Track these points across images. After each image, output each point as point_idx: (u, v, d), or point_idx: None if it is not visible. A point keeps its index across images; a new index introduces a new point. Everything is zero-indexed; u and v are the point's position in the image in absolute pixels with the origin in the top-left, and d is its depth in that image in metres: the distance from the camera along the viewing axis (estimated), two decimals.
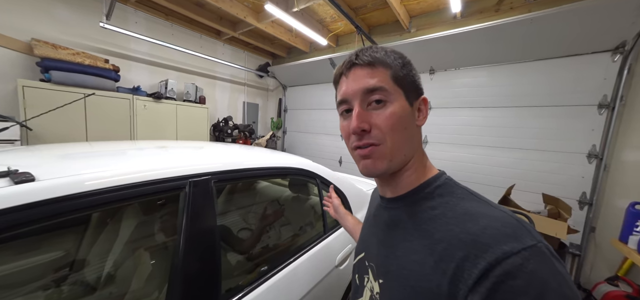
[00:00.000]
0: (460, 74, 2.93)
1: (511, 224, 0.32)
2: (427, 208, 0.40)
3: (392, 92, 0.40)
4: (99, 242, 1.10)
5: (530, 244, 0.29)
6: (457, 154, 2.95)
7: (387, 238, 0.45)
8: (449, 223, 0.36)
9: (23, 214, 0.54)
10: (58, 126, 2.44)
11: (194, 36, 3.97)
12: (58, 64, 2.37)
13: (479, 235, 0.32)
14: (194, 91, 3.75)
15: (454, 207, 0.37)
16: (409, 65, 0.43)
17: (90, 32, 2.86)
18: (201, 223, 0.82)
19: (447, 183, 0.42)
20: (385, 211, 0.48)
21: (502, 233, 0.31)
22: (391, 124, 0.39)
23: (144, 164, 0.83)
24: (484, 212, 0.35)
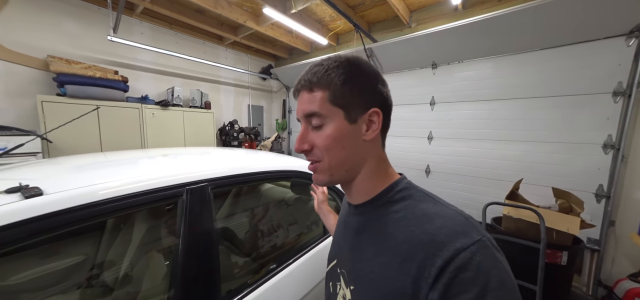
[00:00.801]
0: (464, 67, 2.86)
1: (461, 222, 0.35)
2: (391, 212, 0.42)
3: (328, 115, 0.41)
4: (113, 247, 1.17)
5: (476, 238, 0.33)
6: (462, 148, 2.89)
7: (357, 243, 0.46)
8: (410, 225, 0.38)
9: (33, 226, 0.60)
10: (75, 137, 2.58)
11: (197, 43, 4.07)
12: (72, 78, 2.51)
13: (435, 234, 0.34)
14: (200, 97, 3.85)
15: (414, 209, 0.40)
16: (356, 79, 0.42)
17: (99, 45, 3.00)
18: (199, 228, 0.86)
19: (407, 187, 0.45)
20: (353, 217, 0.49)
21: (454, 231, 0.34)
22: (326, 145, 0.42)
23: (144, 174, 0.87)
24: (439, 212, 0.38)
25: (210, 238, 0.88)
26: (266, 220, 1.65)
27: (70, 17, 2.83)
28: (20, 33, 2.54)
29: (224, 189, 1.03)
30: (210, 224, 0.89)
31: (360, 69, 0.43)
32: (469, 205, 2.82)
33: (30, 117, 2.58)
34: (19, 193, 0.64)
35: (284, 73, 4.85)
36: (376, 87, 0.44)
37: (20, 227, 0.58)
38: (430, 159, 3.14)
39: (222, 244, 1.36)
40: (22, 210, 0.59)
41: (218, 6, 3.06)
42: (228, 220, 1.56)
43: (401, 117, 3.35)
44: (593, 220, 2.14)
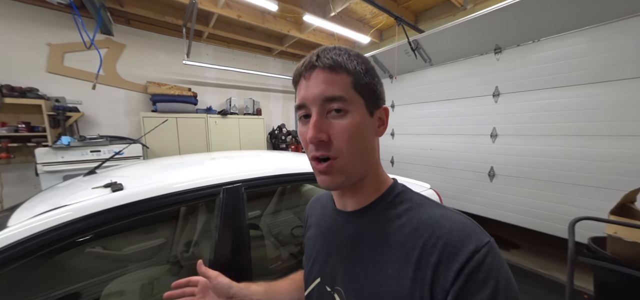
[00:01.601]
0: (541, 47, 2.31)
1: (469, 225, 0.35)
2: (393, 217, 0.39)
3: (353, 101, 0.37)
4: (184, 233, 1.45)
5: (486, 240, 0.33)
6: (539, 147, 2.32)
7: (354, 254, 0.41)
8: (417, 230, 0.36)
9: (116, 213, 0.80)
10: (163, 143, 3.29)
11: (249, 56, 4.57)
12: (160, 97, 3.20)
13: (448, 238, 0.33)
14: (252, 105, 4.31)
15: (418, 214, 0.38)
16: (372, 72, 0.40)
17: (177, 68, 3.73)
18: (232, 223, 0.97)
19: (404, 190, 0.43)
20: (348, 225, 0.44)
21: (465, 234, 0.33)
22: (349, 136, 0.37)
23: (191, 175, 1.05)
24: (444, 215, 0.36)
25: (242, 234, 0.98)
26: None
27: (161, 50, 3.62)
28: (132, 67, 3.40)
29: (257, 189, 1.13)
30: (242, 221, 1.00)
31: (373, 66, 0.42)
32: (551, 218, 2.25)
33: (138, 129, 3.42)
34: (110, 187, 0.86)
35: None
36: (382, 87, 0.43)
37: (108, 213, 0.78)
38: (495, 160, 2.64)
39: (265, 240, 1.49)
40: (110, 200, 0.80)
41: (265, 21, 3.36)
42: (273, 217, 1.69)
43: (454, 113, 2.94)
44: None
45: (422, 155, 3.26)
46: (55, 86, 2.88)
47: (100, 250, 1.38)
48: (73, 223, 0.72)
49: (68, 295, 1.08)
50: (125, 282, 1.19)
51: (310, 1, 2.97)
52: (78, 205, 0.74)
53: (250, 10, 3.19)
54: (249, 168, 1.20)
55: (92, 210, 0.75)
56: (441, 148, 3.05)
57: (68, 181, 1.27)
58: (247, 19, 3.17)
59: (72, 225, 0.71)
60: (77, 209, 0.74)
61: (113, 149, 2.79)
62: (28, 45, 2.73)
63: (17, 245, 0.63)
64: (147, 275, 1.22)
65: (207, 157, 1.54)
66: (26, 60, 2.73)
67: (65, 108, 2.75)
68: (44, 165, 2.40)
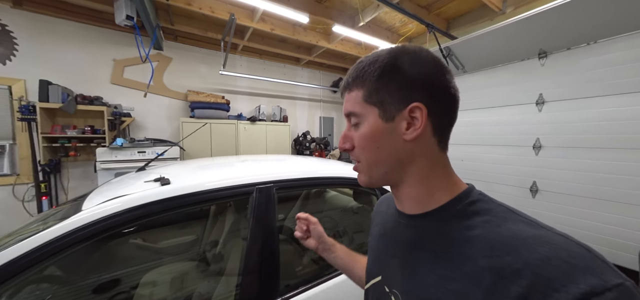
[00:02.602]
0: (597, 50, 2.06)
1: (582, 255, 0.26)
2: (462, 228, 0.35)
3: (363, 114, 0.40)
4: (214, 231, 1.54)
5: (615, 282, 0.23)
6: (592, 161, 2.04)
7: (412, 261, 0.40)
8: (493, 248, 0.30)
9: (165, 204, 0.88)
10: (198, 146, 3.57)
11: (279, 66, 4.80)
12: (198, 104, 3.50)
13: (541, 267, 0.26)
14: (279, 112, 4.48)
15: (497, 229, 0.32)
16: (394, 71, 0.38)
17: (214, 78, 4.05)
18: (264, 222, 1.01)
19: (481, 199, 0.37)
20: (408, 229, 0.42)
21: (572, 266, 0.25)
22: (361, 145, 0.41)
23: (228, 174, 1.12)
24: (540, 237, 0.29)
25: (272, 232, 1.01)
26: (331, 225, 1.72)
27: (201, 61, 3.98)
28: (176, 78, 3.79)
29: (287, 191, 1.17)
30: (273, 220, 1.03)
31: (402, 59, 0.38)
32: (610, 243, 1.94)
33: (178, 133, 3.76)
34: (159, 182, 0.96)
35: None
36: (422, 78, 0.37)
37: (158, 204, 0.87)
38: (538, 173, 2.38)
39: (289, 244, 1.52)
40: (160, 193, 0.89)
41: (296, 33, 3.52)
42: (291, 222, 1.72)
43: (491, 123, 2.73)
44: None
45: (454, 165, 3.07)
46: (114, 94, 3.32)
47: (141, 241, 1.53)
48: (133, 210, 0.81)
49: (113, 279, 1.21)
50: (159, 273, 1.30)
51: (339, 12, 3.05)
52: (137, 195, 0.84)
53: (283, 23, 3.37)
54: (280, 170, 1.24)
55: (147, 199, 0.84)
56: (475, 159, 2.84)
57: (121, 176, 1.44)
58: (279, 31, 3.36)
59: (133, 212, 0.81)
60: (136, 198, 0.83)
61: (156, 150, 3.10)
62: (98, 61, 3.22)
63: (90, 225, 0.74)
64: (178, 270, 1.31)
65: (236, 159, 1.64)
66: (95, 73, 3.21)
67: (121, 113, 3.14)
68: (102, 163, 2.75)
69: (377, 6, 2.69)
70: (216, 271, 1.27)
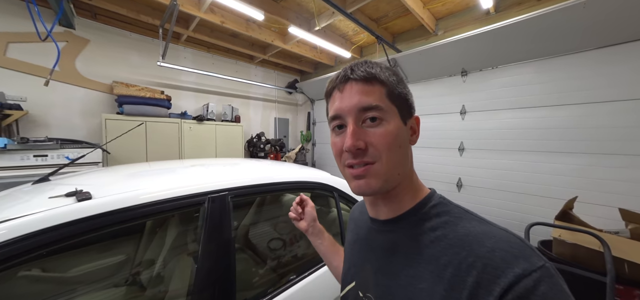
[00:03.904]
0: (499, 73, 2.64)
1: (517, 244, 0.31)
2: (427, 230, 0.38)
3: (388, 110, 0.39)
4: (150, 248, 1.30)
5: (539, 264, 0.29)
6: (501, 161, 2.61)
7: (386, 265, 0.41)
8: (453, 245, 0.34)
9: (84, 225, 0.70)
10: (128, 149, 2.98)
11: (230, 63, 4.46)
12: (128, 98, 2.94)
13: (489, 258, 0.31)
14: (231, 111, 4.17)
15: (455, 228, 0.36)
16: (403, 83, 0.42)
17: (151, 70, 3.48)
18: (218, 235, 0.91)
19: (442, 201, 0.41)
20: (380, 235, 0.44)
21: (511, 254, 0.30)
22: (387, 143, 0.38)
23: (172, 183, 0.97)
24: (487, 232, 0.33)
25: (228, 246, 0.92)
26: (286, 230, 1.67)
27: (132, 49, 3.36)
28: (96, 65, 3.09)
29: (243, 198, 1.09)
30: (228, 232, 0.94)
31: (402, 77, 0.43)
32: (510, 225, 2.51)
33: (97, 132, 3.07)
34: (74, 197, 0.76)
35: (309, 87, 5.01)
36: (412, 98, 0.44)
37: (74, 225, 0.68)
38: (462, 171, 2.89)
39: (243, 253, 1.41)
40: (75, 211, 0.70)
41: (249, 29, 3.34)
42: (248, 229, 1.61)
43: (427, 128, 3.18)
44: None
45: None
46: None
47: (38, 272, 1.18)
48: (28, 238, 0.61)
49: None
50: None
51: (296, 14, 3.04)
52: (38, 216, 0.64)
53: (235, 17, 3.15)
54: (235, 175, 1.15)
55: (54, 222, 0.65)
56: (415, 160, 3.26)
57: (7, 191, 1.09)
58: (231, 25, 3.12)
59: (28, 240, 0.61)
60: (36, 220, 0.63)
61: (64, 153, 2.46)
62: None
63: None
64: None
65: (180, 164, 1.44)
66: None
67: (2, 105, 2.38)
68: None
69: (332, 13, 2.80)
70: (155, 295, 1.08)
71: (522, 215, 2.42)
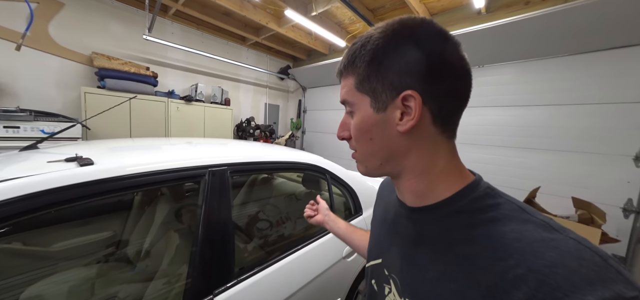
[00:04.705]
0: (484, 72, 2.79)
1: (594, 263, 0.24)
2: (464, 226, 0.32)
3: (356, 102, 0.37)
4: (139, 225, 1.30)
5: (628, 295, 0.21)
6: (478, 155, 2.81)
7: (413, 255, 0.38)
8: (496, 250, 0.28)
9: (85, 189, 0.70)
10: (109, 126, 2.84)
11: (221, 43, 4.30)
12: (111, 72, 2.77)
13: (547, 274, 0.24)
14: (220, 94, 4.06)
15: (502, 228, 0.29)
16: (385, 55, 0.33)
17: (135, 44, 3.28)
18: (218, 208, 0.94)
19: (489, 193, 0.34)
20: (407, 221, 0.40)
21: (581, 276, 0.23)
22: (354, 135, 0.39)
23: (173, 155, 0.98)
24: (550, 241, 0.26)
25: (227, 220, 0.96)
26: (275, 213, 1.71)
27: (114, 18, 3.13)
28: (72, 32, 2.85)
29: (241, 175, 1.11)
30: (228, 204, 0.97)
31: (395, 39, 0.33)
32: None
33: (75, 106, 2.88)
34: (75, 162, 0.75)
35: (302, 74, 4.97)
36: (418, 60, 0.32)
37: (76, 188, 0.69)
38: None
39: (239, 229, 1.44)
40: (79, 175, 0.70)
41: (243, 8, 3.23)
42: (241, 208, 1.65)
43: None
44: (619, 235, 2.00)
45: None
46: None
47: (19, 246, 1.15)
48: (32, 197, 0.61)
49: None
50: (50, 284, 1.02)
51: None
52: (41, 178, 0.63)
53: None
54: (234, 152, 1.17)
55: (58, 184, 0.65)
56: None
57: None
58: (224, 2, 3.00)
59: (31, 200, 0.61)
60: (40, 181, 0.63)
61: (39, 126, 2.31)
62: None
63: None
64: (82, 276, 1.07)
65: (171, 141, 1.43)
66: None
67: None
68: None
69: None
70: (145, 270, 1.10)
71: None
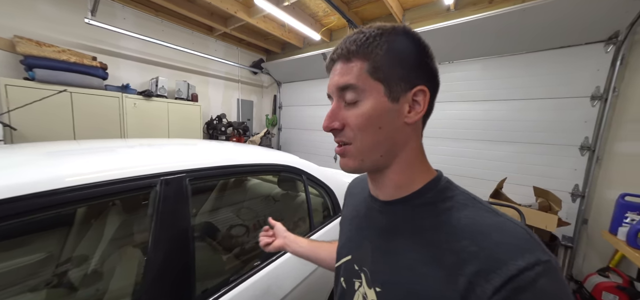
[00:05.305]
0: (454, 67, 2.90)
1: (523, 237, 0.31)
2: (430, 215, 0.37)
3: (366, 89, 0.37)
4: (83, 242, 1.08)
5: (544, 259, 0.29)
6: (451, 148, 2.94)
7: (385, 245, 0.41)
8: (455, 233, 0.34)
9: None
10: (46, 125, 2.41)
11: (185, 32, 3.91)
12: (42, 61, 2.33)
13: (492, 250, 0.30)
14: (186, 89, 3.71)
15: (459, 216, 0.35)
16: (402, 49, 0.36)
17: (76, 29, 2.81)
18: (173, 222, 0.80)
19: (448, 187, 0.40)
20: (380, 215, 0.44)
21: (516, 247, 0.30)
22: (360, 124, 0.37)
23: (115, 162, 0.80)
24: (495, 224, 0.33)
25: (185, 234, 0.82)
26: (250, 216, 1.59)
27: None
28: None
29: (204, 181, 0.97)
30: (186, 218, 0.83)
31: (407, 38, 0.37)
32: None
33: None
34: None
35: (276, 68, 4.76)
36: (424, 62, 0.38)
37: None
38: None
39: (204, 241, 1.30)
40: None
41: None
42: (211, 215, 1.49)
43: None
44: (568, 218, 2.23)
45: None
46: None
47: None
48: None
49: None
50: None
51: None
52: None
53: None
54: (193, 156, 1.02)
55: None
56: None
57: None
58: None
59: None
60: None
61: None
62: None
63: None
64: None
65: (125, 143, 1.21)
66: None
67: None
68: None
69: None
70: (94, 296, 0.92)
71: None
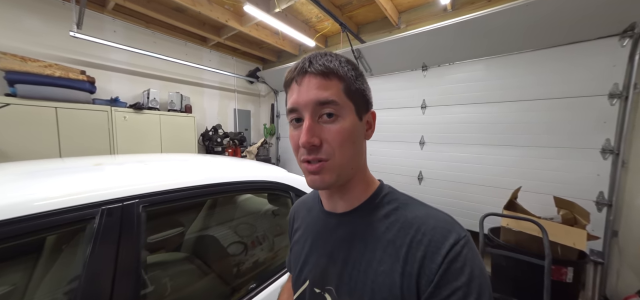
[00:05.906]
0: (455, 69, 2.75)
1: (448, 221, 0.39)
2: (382, 217, 0.42)
3: (344, 106, 0.39)
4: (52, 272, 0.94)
5: (463, 235, 0.37)
6: (456, 153, 2.75)
7: (347, 255, 0.43)
8: (404, 228, 0.39)
9: None
10: (29, 142, 2.31)
11: (178, 43, 3.86)
12: (24, 77, 2.25)
13: (432, 235, 0.37)
14: (179, 100, 3.62)
15: (404, 213, 0.41)
16: (362, 78, 0.43)
17: (63, 43, 2.74)
18: (115, 260, 0.64)
19: (391, 191, 0.46)
20: (338, 227, 0.46)
21: (446, 230, 0.37)
22: (341, 140, 0.39)
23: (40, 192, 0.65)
24: (429, 214, 0.40)
25: (134, 273, 0.66)
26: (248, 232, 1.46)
27: (30, 11, 2.57)
28: None
29: (162, 206, 0.82)
30: (133, 253, 0.68)
31: (362, 72, 0.44)
32: (465, 215, 2.66)
33: None
34: None
35: (272, 76, 4.67)
36: (370, 92, 0.45)
37: None
38: (423, 165, 2.98)
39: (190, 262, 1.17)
40: None
41: (196, 4, 2.87)
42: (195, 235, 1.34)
43: (391, 121, 3.20)
44: (595, 230, 2.00)
45: None
46: None
47: None
48: None
49: None
50: None
51: None
52: None
53: None
54: (155, 177, 0.87)
55: None
56: (379, 153, 3.27)
57: None
58: None
59: None
60: None
61: None
62: None
63: None
64: None
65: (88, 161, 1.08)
66: None
67: None
68: None
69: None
70: None
71: (476, 205, 2.58)
